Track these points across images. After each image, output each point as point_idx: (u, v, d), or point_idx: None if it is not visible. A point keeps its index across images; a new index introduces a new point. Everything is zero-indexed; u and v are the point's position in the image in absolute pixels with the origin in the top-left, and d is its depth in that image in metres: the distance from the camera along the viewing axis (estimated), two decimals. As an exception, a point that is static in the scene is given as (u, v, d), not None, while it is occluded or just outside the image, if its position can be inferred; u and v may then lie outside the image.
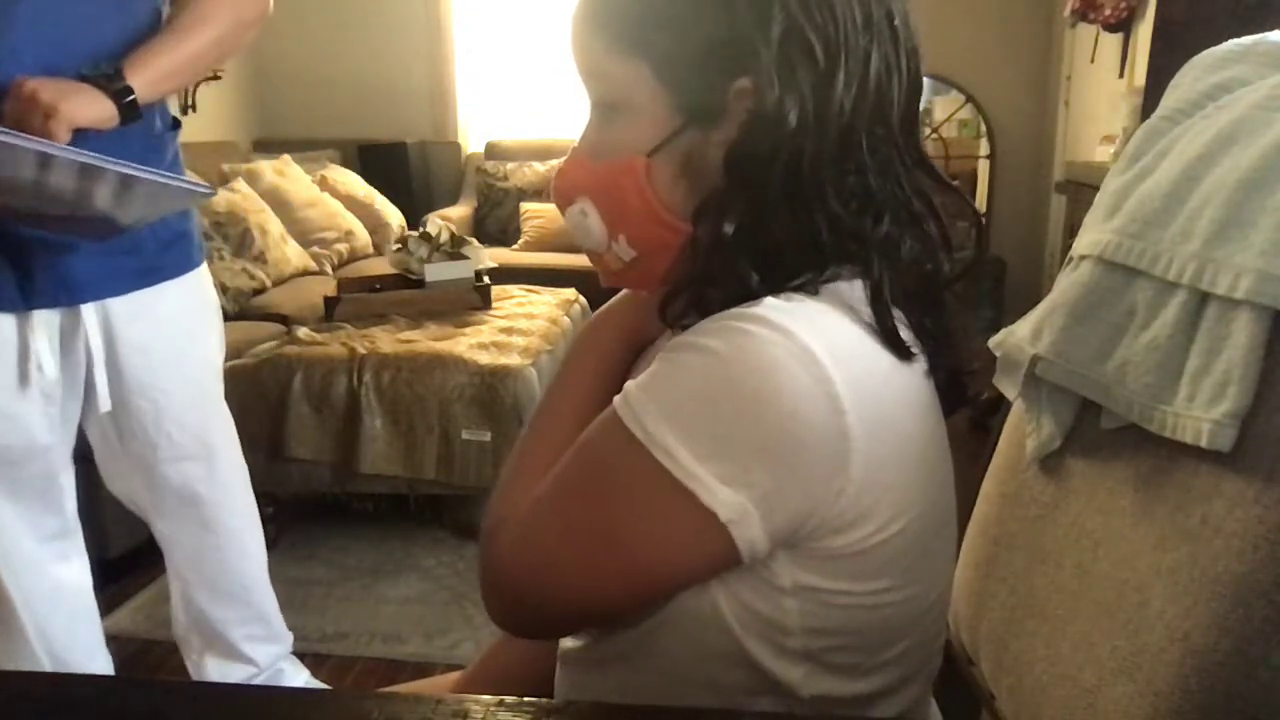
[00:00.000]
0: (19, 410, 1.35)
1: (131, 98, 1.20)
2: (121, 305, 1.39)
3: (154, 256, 1.41)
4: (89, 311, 1.36)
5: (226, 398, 1.61)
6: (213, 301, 1.58)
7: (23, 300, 1.30)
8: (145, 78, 1.21)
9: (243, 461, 1.66)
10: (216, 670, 1.69)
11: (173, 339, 1.47)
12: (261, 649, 1.73)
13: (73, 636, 1.51)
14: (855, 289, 0.63)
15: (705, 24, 0.62)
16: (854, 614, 0.62)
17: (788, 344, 0.56)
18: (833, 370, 0.56)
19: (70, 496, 1.48)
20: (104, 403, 1.41)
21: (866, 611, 0.62)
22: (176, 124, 1.44)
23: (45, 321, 1.33)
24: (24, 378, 1.33)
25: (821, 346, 0.57)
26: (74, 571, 1.51)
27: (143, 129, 1.29)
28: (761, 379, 0.56)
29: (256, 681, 1.72)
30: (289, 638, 1.80)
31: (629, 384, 0.61)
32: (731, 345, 0.57)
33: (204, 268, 1.53)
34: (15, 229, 1.26)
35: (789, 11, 0.60)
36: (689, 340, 0.59)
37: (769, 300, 0.59)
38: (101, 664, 1.59)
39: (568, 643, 0.74)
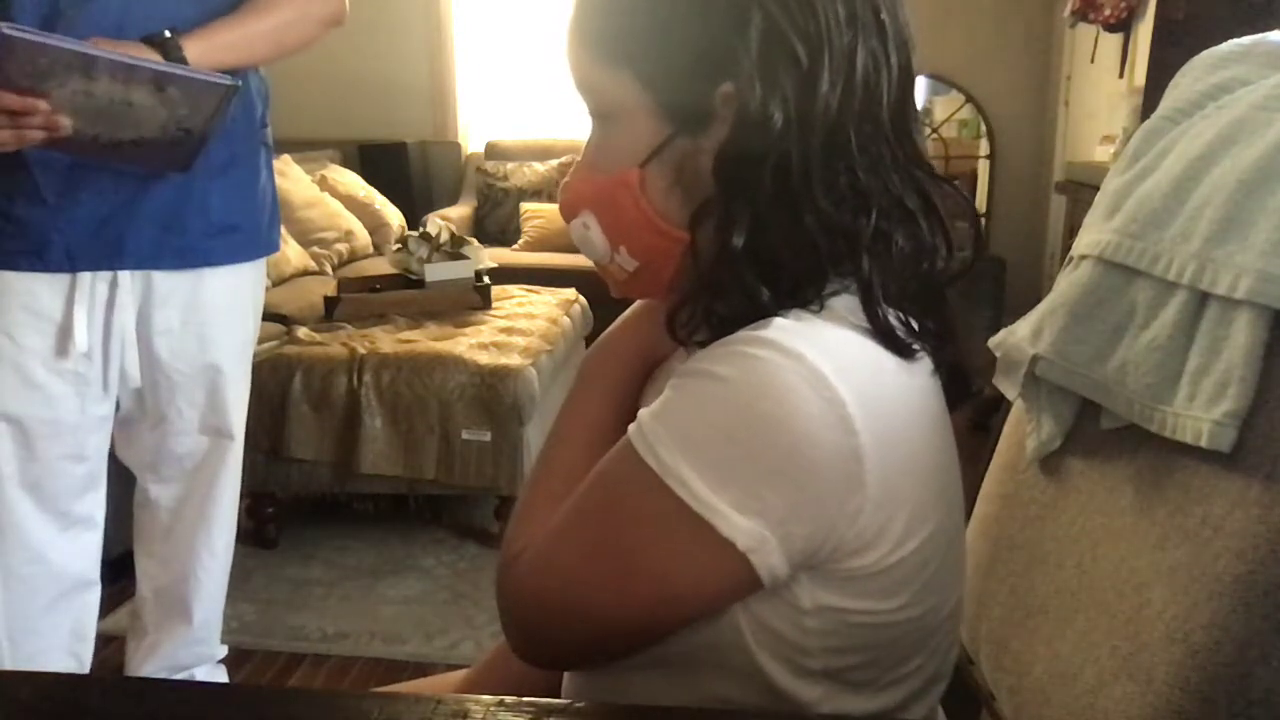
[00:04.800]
0: (50, 383, 1.38)
1: (180, 56, 1.28)
2: (162, 283, 1.44)
3: (198, 239, 1.46)
4: (128, 284, 1.41)
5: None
6: (256, 298, 1.62)
7: (68, 260, 1.36)
8: (200, 44, 1.31)
9: (239, 464, 1.66)
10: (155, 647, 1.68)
11: (203, 325, 1.51)
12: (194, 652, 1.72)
13: (34, 621, 1.47)
14: (855, 301, 0.62)
15: (685, 31, 0.62)
16: (873, 631, 0.62)
17: (798, 368, 0.56)
18: (844, 392, 0.56)
19: (97, 485, 1.49)
20: (132, 379, 1.47)
21: (886, 629, 0.62)
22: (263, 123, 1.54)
23: (89, 289, 1.38)
24: (63, 350, 1.38)
25: (832, 368, 0.56)
26: (73, 560, 1.49)
27: (244, 117, 1.44)
28: (773, 404, 0.55)
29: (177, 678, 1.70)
30: (221, 651, 1.78)
31: (642, 413, 0.60)
32: (742, 371, 0.57)
33: (259, 264, 1.59)
34: (75, 178, 1.33)
35: (767, 12, 0.59)
36: (700, 367, 0.59)
37: (777, 321, 0.59)
38: (67, 664, 1.54)
39: None
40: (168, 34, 1.28)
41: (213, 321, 1.52)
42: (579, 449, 0.69)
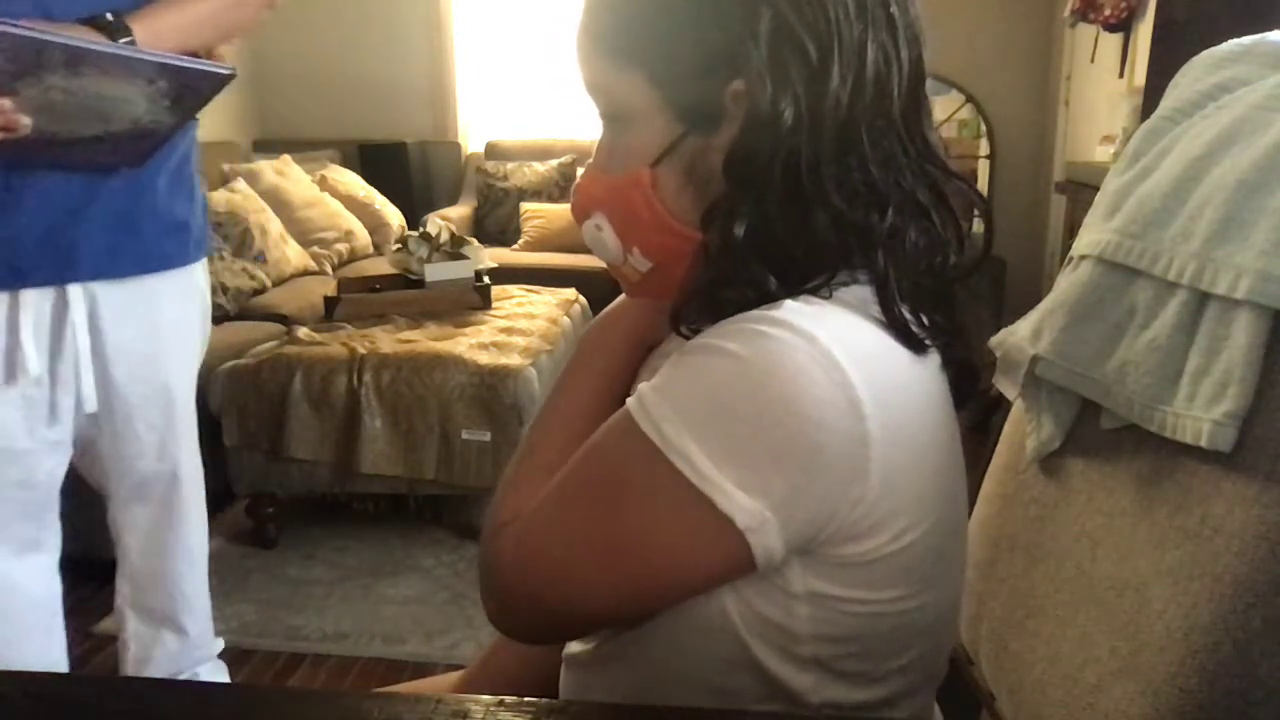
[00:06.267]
0: None
1: (129, 39, 1.17)
2: (112, 297, 1.35)
3: (153, 242, 1.37)
4: (77, 300, 1.31)
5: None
6: (204, 300, 1.54)
7: (14, 276, 1.24)
8: (148, 27, 1.20)
9: (200, 466, 1.61)
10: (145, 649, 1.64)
11: (157, 341, 1.43)
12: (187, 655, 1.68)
13: (17, 649, 1.41)
14: (867, 292, 0.62)
15: (694, 29, 0.61)
16: (866, 621, 0.61)
17: (810, 348, 0.55)
18: (855, 376, 0.56)
19: (51, 508, 1.42)
20: (89, 403, 1.37)
21: (879, 619, 0.62)
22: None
23: (34, 308, 1.27)
24: (10, 375, 1.28)
25: (844, 351, 0.56)
26: (36, 583, 1.43)
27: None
28: (783, 384, 0.55)
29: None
30: (218, 646, 1.75)
31: (642, 386, 0.60)
32: (752, 348, 0.56)
33: (201, 264, 1.50)
34: (16, 184, 1.22)
35: (777, 9, 0.59)
36: (707, 342, 0.58)
37: (789, 303, 0.58)
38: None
39: (573, 646, 0.74)
40: (109, 17, 1.15)
41: (166, 336, 1.44)
42: (572, 424, 0.69)
